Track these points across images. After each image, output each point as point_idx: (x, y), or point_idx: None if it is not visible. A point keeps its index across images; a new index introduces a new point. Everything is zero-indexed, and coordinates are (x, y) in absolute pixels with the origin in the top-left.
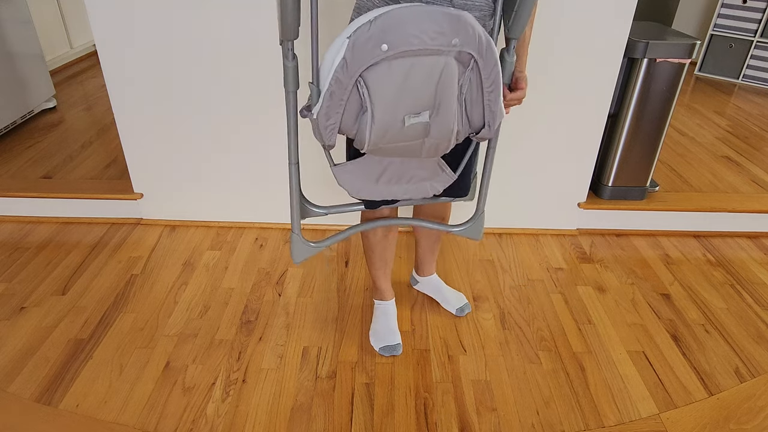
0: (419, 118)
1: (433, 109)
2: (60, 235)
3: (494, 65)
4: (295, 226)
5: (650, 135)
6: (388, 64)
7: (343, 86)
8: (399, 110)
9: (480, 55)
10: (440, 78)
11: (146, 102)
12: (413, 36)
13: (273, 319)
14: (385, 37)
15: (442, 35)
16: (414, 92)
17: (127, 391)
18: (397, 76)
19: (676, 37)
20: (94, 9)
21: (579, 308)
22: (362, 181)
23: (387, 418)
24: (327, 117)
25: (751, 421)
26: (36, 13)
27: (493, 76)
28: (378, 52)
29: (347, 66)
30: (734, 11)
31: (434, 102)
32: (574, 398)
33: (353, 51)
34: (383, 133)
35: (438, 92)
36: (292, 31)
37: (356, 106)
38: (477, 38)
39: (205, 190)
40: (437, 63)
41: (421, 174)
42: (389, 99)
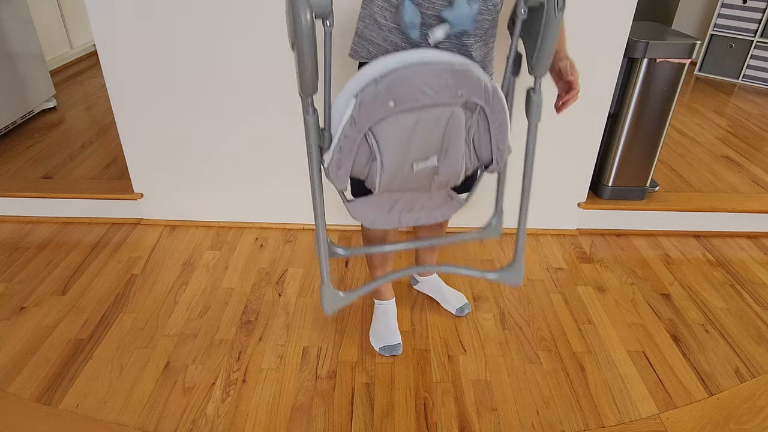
0: (427, 163)
1: (441, 153)
2: (60, 235)
3: (501, 110)
4: (325, 277)
5: (650, 135)
6: (396, 118)
7: (352, 140)
8: (407, 158)
9: (486, 103)
10: (447, 126)
11: (146, 102)
12: (419, 92)
13: (273, 319)
14: (392, 95)
15: (448, 89)
16: (421, 141)
17: (127, 391)
18: (405, 128)
19: (676, 37)
20: (94, 9)
21: (579, 308)
22: (375, 213)
23: (387, 418)
24: (338, 167)
25: (751, 421)
26: (36, 13)
27: (501, 118)
28: (385, 108)
29: (355, 123)
30: (734, 11)
31: (442, 147)
32: (574, 398)
33: (360, 109)
34: (392, 178)
35: (445, 138)
36: (311, 87)
37: (366, 154)
38: (483, 88)
39: (205, 190)
40: (443, 113)
41: (431, 204)
42: (397, 149)
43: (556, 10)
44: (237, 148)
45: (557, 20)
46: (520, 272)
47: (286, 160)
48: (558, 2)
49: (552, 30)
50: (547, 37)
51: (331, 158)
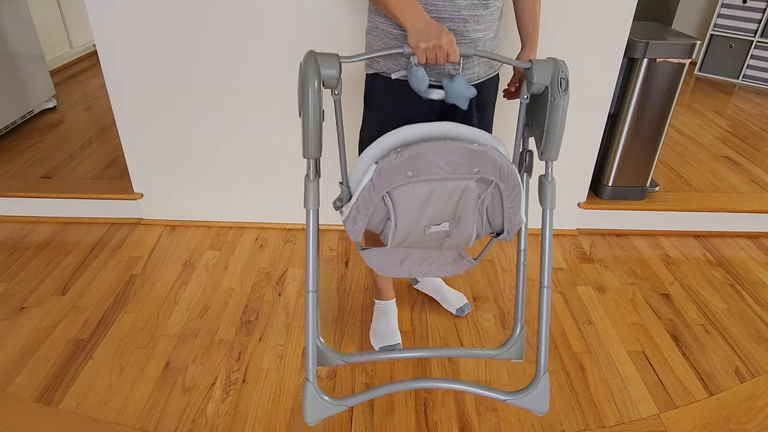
0: (439, 228)
1: (453, 220)
2: (60, 235)
3: (515, 187)
4: (310, 372)
5: (650, 135)
6: (413, 186)
7: (370, 201)
8: (420, 222)
9: (501, 180)
10: (461, 197)
11: (146, 102)
12: (436, 167)
13: (273, 319)
14: (410, 166)
15: (464, 165)
16: (435, 208)
17: (127, 391)
18: (420, 195)
19: (676, 37)
20: (94, 9)
21: (579, 308)
22: (387, 262)
23: (387, 418)
24: (354, 222)
25: (751, 421)
26: (36, 13)
27: (514, 194)
28: (403, 177)
29: (374, 187)
30: (734, 11)
31: (454, 215)
32: (574, 398)
33: (380, 176)
34: (405, 237)
35: (458, 208)
36: (315, 150)
37: (382, 212)
38: (499, 168)
39: (205, 190)
40: (458, 186)
41: (441, 260)
42: (412, 213)
43: (560, 92)
44: (237, 148)
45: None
46: (545, 396)
47: (286, 160)
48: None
49: (558, 113)
50: (554, 121)
51: (348, 214)
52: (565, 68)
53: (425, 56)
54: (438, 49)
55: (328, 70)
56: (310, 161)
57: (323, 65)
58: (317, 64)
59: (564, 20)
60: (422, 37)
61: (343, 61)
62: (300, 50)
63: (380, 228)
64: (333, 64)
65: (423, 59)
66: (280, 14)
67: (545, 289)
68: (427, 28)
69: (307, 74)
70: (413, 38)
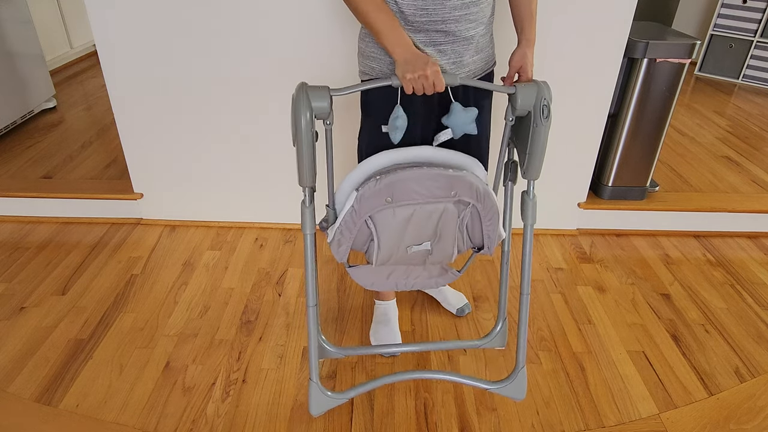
0: (421, 247)
1: (434, 239)
2: (60, 235)
3: (491, 207)
4: (313, 373)
5: (650, 135)
6: (393, 210)
7: (353, 226)
8: (403, 243)
9: (478, 202)
10: (440, 218)
11: (146, 102)
12: (415, 192)
13: (273, 319)
14: (389, 192)
15: (442, 189)
16: (416, 230)
17: (127, 391)
18: (401, 219)
19: (676, 37)
20: (94, 9)
21: (579, 308)
22: (373, 278)
23: (387, 418)
24: (338, 245)
25: (751, 421)
26: (36, 13)
27: (491, 214)
28: (383, 202)
29: (356, 213)
30: (734, 11)
31: (435, 234)
32: (574, 398)
33: (360, 202)
34: (388, 257)
35: (438, 228)
36: (309, 179)
37: (365, 234)
38: (475, 190)
39: (205, 190)
40: (437, 208)
41: (426, 274)
42: (394, 235)
43: (542, 119)
44: (237, 148)
45: (544, 128)
46: (522, 385)
47: (286, 160)
48: (543, 111)
49: (540, 137)
50: (536, 145)
51: (333, 237)
52: (547, 94)
53: (411, 87)
54: (424, 79)
55: (319, 102)
56: (305, 190)
57: (314, 98)
58: (308, 97)
59: (564, 20)
60: (408, 68)
61: (333, 94)
62: (300, 50)
63: (365, 248)
64: (324, 96)
65: (409, 90)
66: (280, 14)
67: (525, 296)
68: (413, 59)
69: (299, 107)
70: (400, 69)
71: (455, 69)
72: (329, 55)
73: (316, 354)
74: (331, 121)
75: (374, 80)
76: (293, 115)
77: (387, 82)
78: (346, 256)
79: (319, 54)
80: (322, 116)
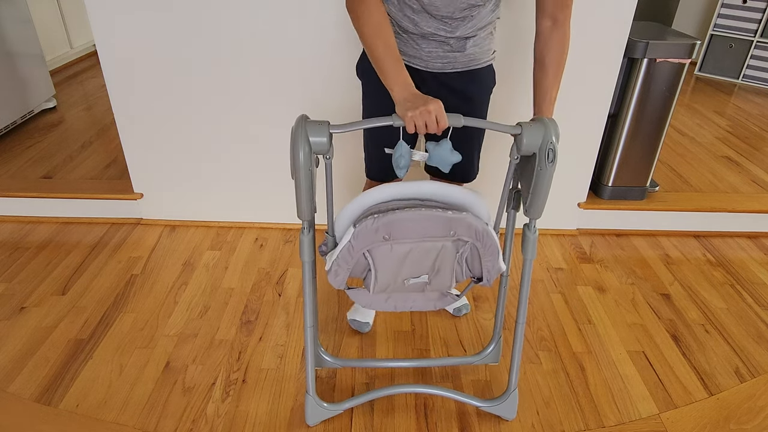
0: (419, 279)
1: (432, 273)
2: (60, 235)
3: (491, 245)
4: (310, 387)
5: (650, 135)
6: (390, 246)
7: (350, 258)
8: (400, 276)
9: (477, 241)
10: (438, 254)
11: (146, 102)
12: (414, 232)
13: (273, 319)
14: (387, 230)
15: (440, 230)
16: (414, 265)
17: (127, 391)
18: (399, 254)
19: (676, 37)
20: (94, 9)
21: (579, 308)
22: (372, 300)
23: (387, 418)
24: (335, 275)
25: (751, 421)
26: (36, 13)
27: (491, 250)
28: (380, 239)
29: (353, 248)
30: (734, 11)
31: (433, 268)
32: (574, 398)
33: (357, 238)
34: (385, 287)
35: (436, 263)
36: (307, 213)
37: (363, 264)
38: (474, 230)
39: (205, 190)
40: (435, 246)
41: (425, 298)
42: (391, 268)
43: (546, 162)
44: (237, 148)
45: (549, 171)
46: (513, 406)
47: (286, 160)
48: (549, 155)
49: (544, 180)
50: (540, 186)
51: (330, 267)
52: (555, 136)
53: (413, 124)
54: (426, 114)
55: (317, 137)
56: (304, 222)
57: (312, 133)
58: (306, 132)
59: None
60: (409, 106)
61: (333, 131)
62: (301, 51)
63: (362, 276)
64: (323, 132)
65: (412, 128)
66: (280, 14)
67: (520, 325)
68: (413, 98)
69: (297, 142)
70: (400, 108)
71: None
72: (330, 54)
73: (313, 368)
74: (331, 156)
75: (376, 119)
76: (291, 149)
77: (389, 122)
78: (343, 285)
79: (320, 55)
80: (320, 152)
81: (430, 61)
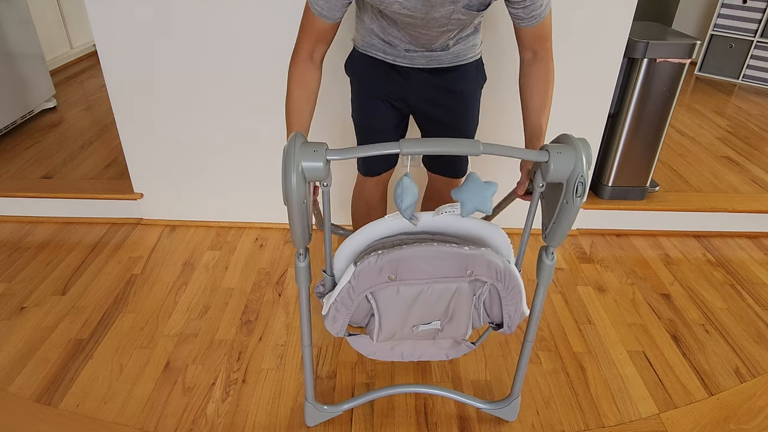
0: (430, 326)
1: (445, 318)
2: (60, 235)
3: (514, 286)
4: (309, 394)
5: (650, 135)
6: (397, 288)
7: (350, 302)
8: (408, 322)
9: (498, 281)
10: (452, 297)
11: (146, 102)
12: (422, 271)
13: (273, 319)
14: (392, 270)
15: (455, 269)
16: (424, 309)
17: (127, 391)
18: (406, 298)
19: (676, 37)
20: (94, 9)
21: (579, 308)
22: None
23: (387, 418)
24: (333, 321)
25: (751, 421)
26: (36, 13)
27: (514, 293)
28: (384, 279)
29: (353, 290)
30: (734, 11)
31: (446, 314)
32: (574, 398)
33: (358, 278)
34: (391, 335)
35: (450, 307)
36: (302, 241)
37: (365, 309)
38: (495, 269)
39: (205, 190)
40: (449, 288)
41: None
42: (397, 313)
43: (574, 197)
44: (237, 148)
45: (575, 206)
46: (515, 408)
47: None
48: (577, 189)
49: (568, 214)
50: (563, 219)
51: (327, 311)
52: (585, 169)
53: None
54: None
55: (312, 163)
56: (300, 249)
57: (306, 158)
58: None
59: (564, 20)
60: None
61: (330, 157)
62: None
63: (365, 323)
64: (318, 158)
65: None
66: (281, 14)
67: (528, 344)
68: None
69: (287, 166)
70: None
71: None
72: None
73: (312, 382)
74: (329, 183)
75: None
76: (282, 174)
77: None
78: (342, 332)
79: None
80: (316, 179)
81: (415, 59)
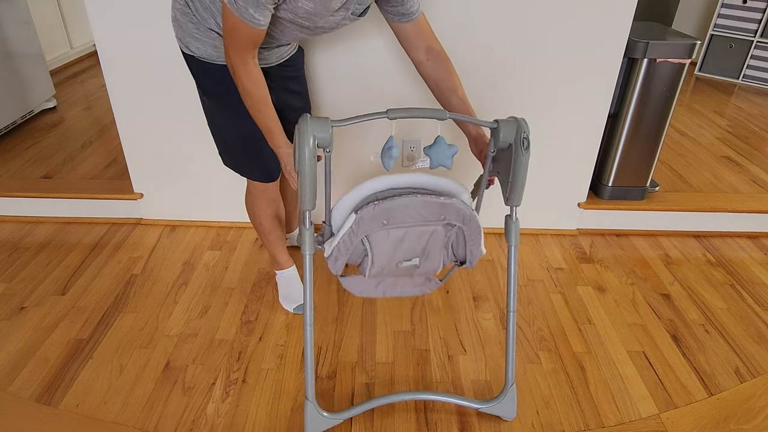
0: (411, 262)
1: (423, 256)
2: (60, 235)
3: (475, 228)
4: (309, 392)
5: (650, 135)
6: (387, 231)
7: (350, 244)
8: (394, 259)
9: (464, 225)
10: (429, 238)
11: (146, 102)
12: (409, 216)
13: (273, 319)
14: (386, 216)
15: (433, 214)
16: (407, 248)
17: (127, 391)
18: (394, 239)
19: (676, 37)
20: (94, 9)
21: (579, 308)
22: (364, 287)
23: (387, 418)
24: (335, 260)
25: (751, 421)
26: (36, 13)
27: (475, 234)
28: (379, 224)
29: (354, 233)
30: (734, 11)
31: (424, 252)
32: (574, 398)
33: (359, 224)
34: (380, 270)
35: (427, 247)
36: (310, 203)
37: (360, 251)
38: (462, 216)
39: (206, 190)
40: (427, 230)
41: (412, 283)
42: (387, 252)
43: (522, 150)
44: None
45: (525, 158)
46: (513, 404)
47: None
48: (523, 143)
49: (521, 167)
50: (518, 174)
51: (330, 253)
52: (526, 128)
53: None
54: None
55: (321, 133)
56: (306, 213)
57: (317, 129)
58: (311, 128)
59: (564, 20)
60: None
61: (334, 125)
62: None
63: (359, 262)
64: (326, 127)
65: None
66: None
67: (511, 314)
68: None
69: (303, 136)
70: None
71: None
72: (332, 54)
73: (312, 370)
74: (331, 149)
75: (371, 114)
76: (297, 144)
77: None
78: (341, 269)
79: (320, 53)
80: (324, 145)
81: (270, 58)
